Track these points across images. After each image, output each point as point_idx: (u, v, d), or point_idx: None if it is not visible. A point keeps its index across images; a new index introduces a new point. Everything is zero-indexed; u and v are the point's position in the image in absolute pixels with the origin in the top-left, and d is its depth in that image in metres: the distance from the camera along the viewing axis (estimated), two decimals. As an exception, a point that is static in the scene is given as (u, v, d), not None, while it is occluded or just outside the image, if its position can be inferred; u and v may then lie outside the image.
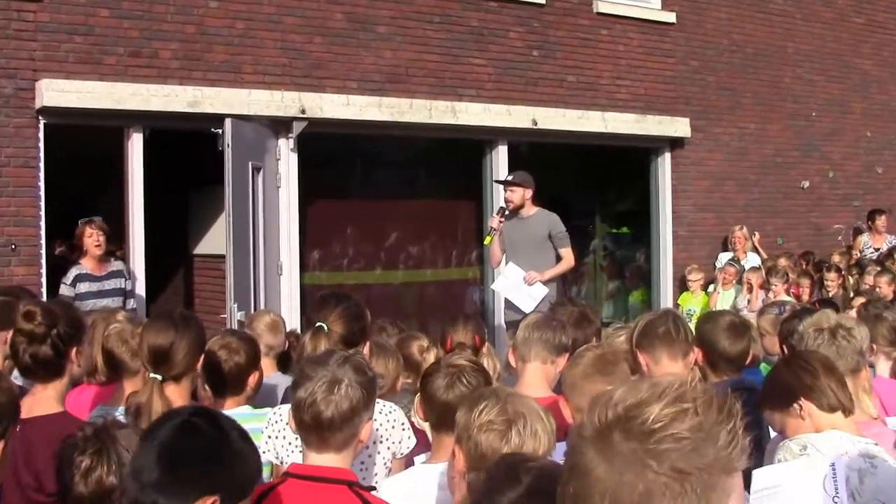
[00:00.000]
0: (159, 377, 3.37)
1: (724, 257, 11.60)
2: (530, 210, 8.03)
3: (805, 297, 9.62)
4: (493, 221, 7.99)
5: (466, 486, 2.35)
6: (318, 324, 3.55)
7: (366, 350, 3.57)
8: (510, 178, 8.16)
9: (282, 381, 4.79)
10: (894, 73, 14.24)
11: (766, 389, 3.39)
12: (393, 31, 9.76)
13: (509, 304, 7.92)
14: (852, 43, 13.63)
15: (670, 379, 1.31)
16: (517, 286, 7.76)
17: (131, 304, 8.19)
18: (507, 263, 8.00)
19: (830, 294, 10.02)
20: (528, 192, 8.04)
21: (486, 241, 7.98)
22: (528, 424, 2.39)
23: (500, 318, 9.05)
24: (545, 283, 7.86)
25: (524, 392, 3.02)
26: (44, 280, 8.12)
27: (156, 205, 8.77)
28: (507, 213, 7.98)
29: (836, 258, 11.46)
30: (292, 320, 8.34)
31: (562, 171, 11.64)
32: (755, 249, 11.75)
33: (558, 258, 8.07)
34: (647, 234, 11.76)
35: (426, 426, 3.40)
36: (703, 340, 4.16)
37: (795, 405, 3.26)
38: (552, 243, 7.98)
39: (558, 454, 2.31)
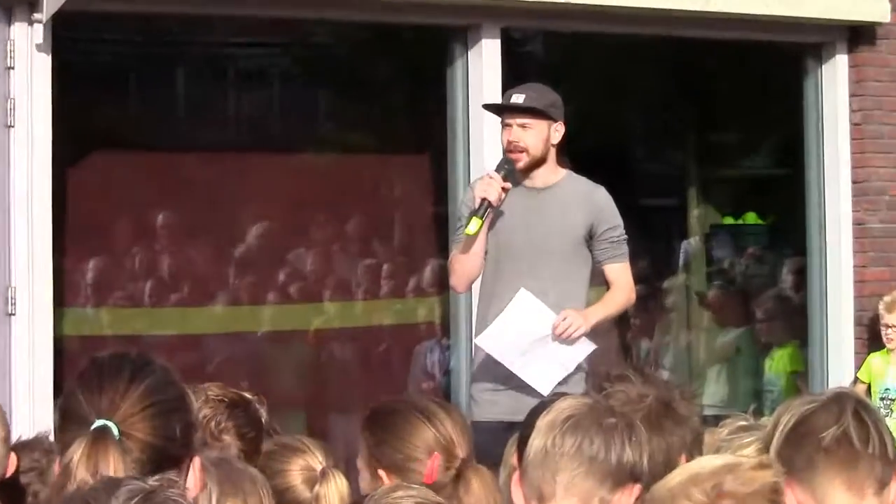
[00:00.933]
0: None
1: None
2: (553, 174, 4.75)
3: None
4: (488, 188, 4.62)
5: None
6: (97, 423, 2.39)
7: (193, 475, 2.42)
8: (519, 96, 4.75)
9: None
10: None
11: None
12: None
13: (508, 379, 4.62)
14: None
15: None
16: (533, 341, 4.57)
17: None
18: (493, 285, 4.76)
19: None
20: (556, 132, 4.72)
21: (468, 230, 4.65)
22: None
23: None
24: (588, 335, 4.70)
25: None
26: None
27: None
28: (512, 173, 4.69)
29: None
30: (35, 415, 5.46)
31: (618, 94, 8.04)
32: None
33: (596, 278, 4.91)
34: (794, 224, 7.51)
35: None
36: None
37: None
38: (590, 249, 4.69)
39: None
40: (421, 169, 6.86)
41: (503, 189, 4.46)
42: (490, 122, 5.56)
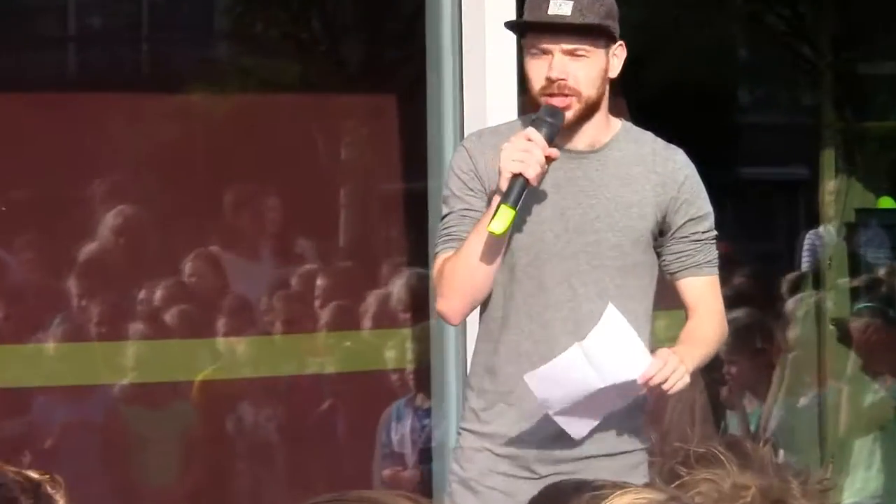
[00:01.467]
0: None
1: None
2: (605, 129, 3.50)
3: None
4: (526, 158, 3.27)
5: None
6: None
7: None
8: (564, 4, 3.33)
9: None
10: None
11: None
12: None
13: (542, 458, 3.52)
14: None
15: None
16: (605, 388, 3.35)
17: None
18: (504, 309, 3.55)
19: None
20: (615, 59, 3.47)
21: (495, 228, 3.21)
22: None
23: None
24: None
25: None
26: None
27: None
28: (557, 132, 3.37)
29: None
30: None
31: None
32: None
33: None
34: None
35: None
36: None
37: None
38: (658, 251, 3.49)
39: None
40: (381, 119, 5.13)
41: (547, 158, 3.35)
42: (499, 45, 4.28)
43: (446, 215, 3.40)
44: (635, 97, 4.80)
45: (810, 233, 5.89)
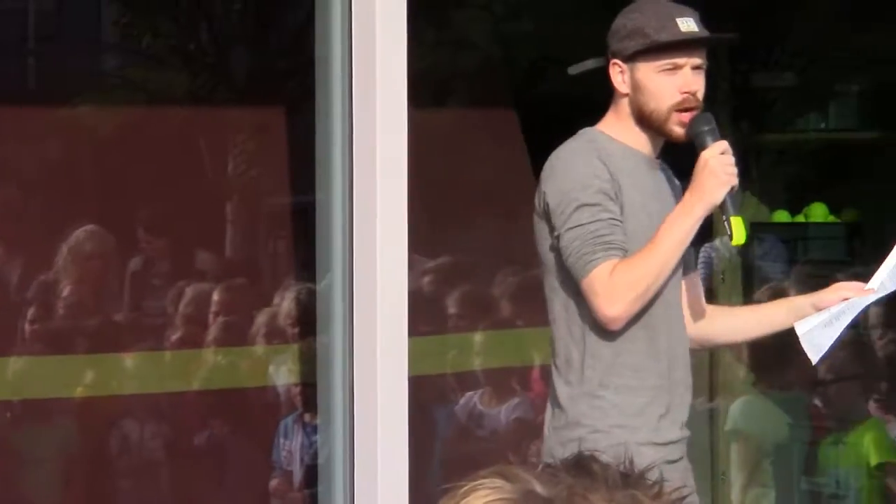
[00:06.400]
0: None
1: None
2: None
3: None
4: (732, 169, 3.68)
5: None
6: None
7: None
8: (690, 21, 3.68)
9: None
10: None
11: None
12: None
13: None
14: None
15: None
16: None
17: None
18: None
19: None
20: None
21: (743, 237, 3.72)
22: None
23: None
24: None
25: None
26: None
27: None
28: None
29: None
30: None
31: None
32: None
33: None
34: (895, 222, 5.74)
35: None
36: None
37: None
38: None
39: None
40: (269, 132, 4.92)
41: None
42: (389, 58, 4.16)
43: (592, 222, 3.42)
44: (529, 110, 4.97)
45: (705, 246, 5.63)
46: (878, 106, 6.44)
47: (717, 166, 3.47)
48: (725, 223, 3.59)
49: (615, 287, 3.41)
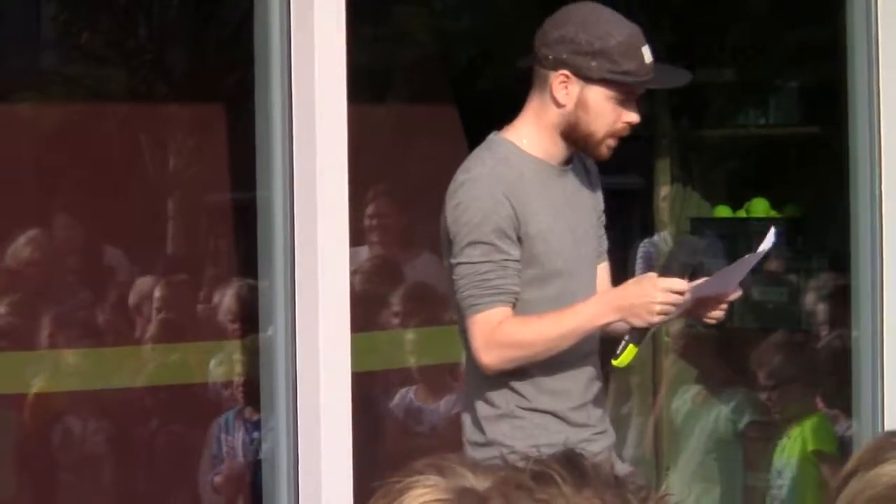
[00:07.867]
0: None
1: None
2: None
3: None
4: (667, 310, 3.40)
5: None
6: None
7: None
8: (648, 50, 3.54)
9: None
10: None
11: None
12: None
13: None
14: None
15: None
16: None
17: None
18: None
19: None
20: None
21: (623, 363, 3.49)
22: None
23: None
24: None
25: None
26: None
27: None
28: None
29: None
30: None
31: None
32: None
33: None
34: (832, 218, 5.75)
35: None
36: None
37: None
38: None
39: None
40: (209, 128, 4.91)
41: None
42: (328, 53, 4.11)
43: (482, 262, 3.25)
44: (470, 105, 4.93)
45: (644, 241, 5.77)
46: (817, 100, 6.36)
47: (658, 303, 3.31)
48: (622, 342, 3.38)
49: (498, 339, 3.26)
